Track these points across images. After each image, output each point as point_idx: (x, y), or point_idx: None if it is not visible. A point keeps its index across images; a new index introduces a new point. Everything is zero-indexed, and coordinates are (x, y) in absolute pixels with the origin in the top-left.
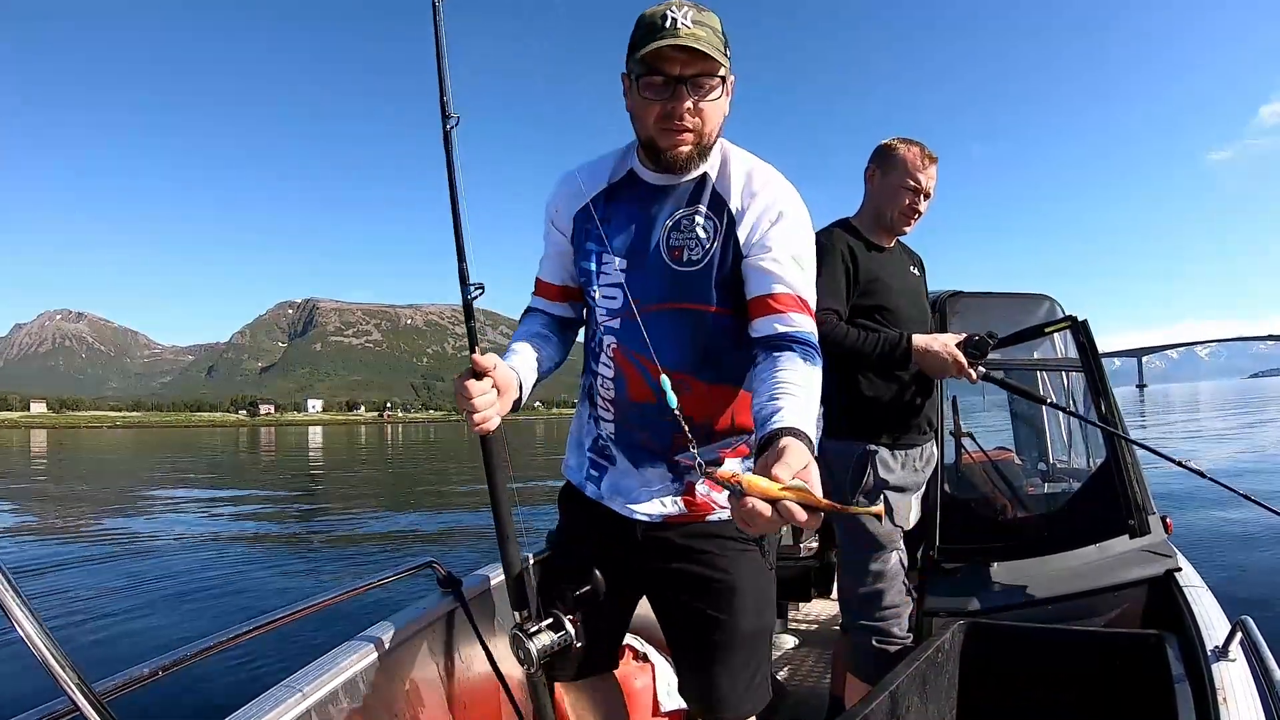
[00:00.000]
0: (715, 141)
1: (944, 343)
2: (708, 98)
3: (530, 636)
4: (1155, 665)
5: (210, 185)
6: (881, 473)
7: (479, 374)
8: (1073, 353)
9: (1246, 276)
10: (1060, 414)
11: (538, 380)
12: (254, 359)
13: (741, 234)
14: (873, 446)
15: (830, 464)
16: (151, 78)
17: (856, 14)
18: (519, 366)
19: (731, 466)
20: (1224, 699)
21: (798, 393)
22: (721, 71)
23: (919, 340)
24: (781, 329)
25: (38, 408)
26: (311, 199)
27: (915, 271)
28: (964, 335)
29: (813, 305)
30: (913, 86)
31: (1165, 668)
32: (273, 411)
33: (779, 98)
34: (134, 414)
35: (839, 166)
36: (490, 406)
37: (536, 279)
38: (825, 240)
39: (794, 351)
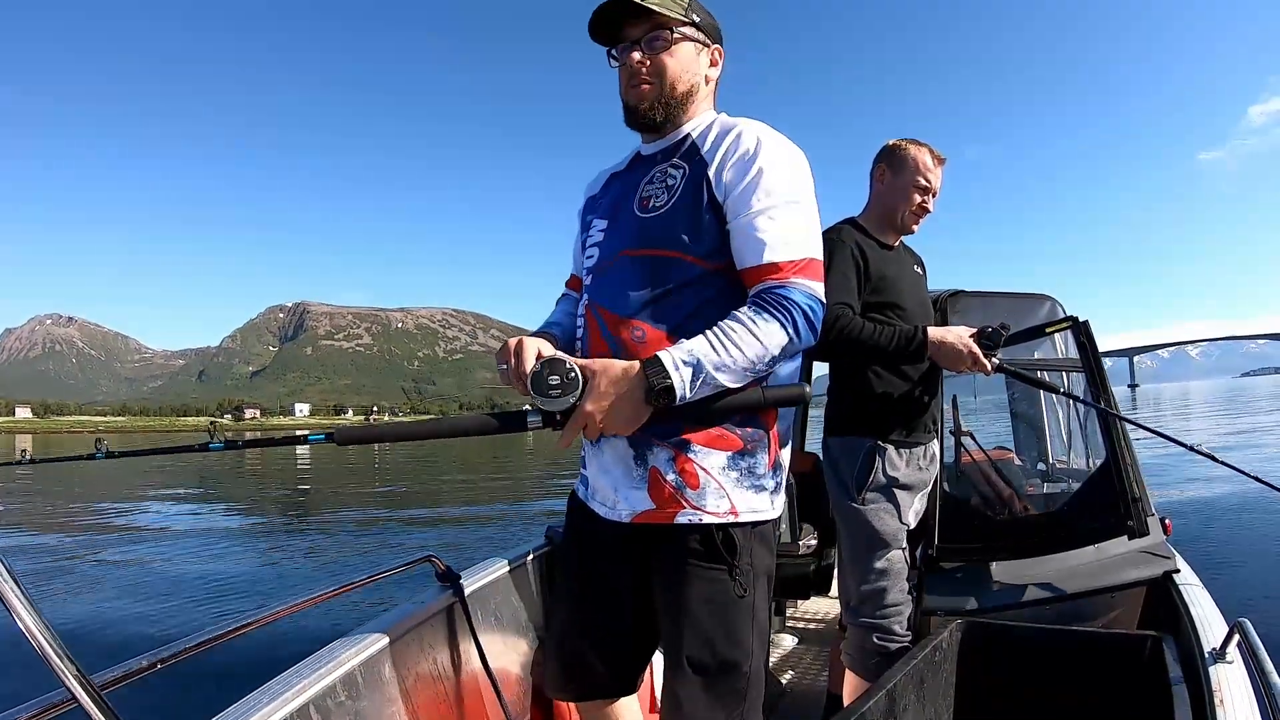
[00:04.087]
0: (689, 94)
1: (959, 334)
2: (658, 51)
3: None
4: (1152, 667)
5: (201, 188)
6: (888, 470)
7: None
8: (1073, 353)
9: (1237, 276)
10: (1060, 414)
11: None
12: (244, 363)
13: (712, 174)
14: (880, 443)
15: (836, 460)
16: (141, 81)
17: (848, 15)
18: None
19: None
20: (1221, 701)
21: (712, 332)
22: (676, 26)
23: (934, 332)
24: (753, 292)
25: (23, 413)
26: (302, 202)
27: (918, 270)
28: (978, 327)
29: (801, 258)
30: (902, 88)
31: (1162, 669)
32: (258, 416)
33: (766, 98)
34: (118, 419)
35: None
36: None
37: (571, 275)
38: (835, 237)
39: (751, 303)
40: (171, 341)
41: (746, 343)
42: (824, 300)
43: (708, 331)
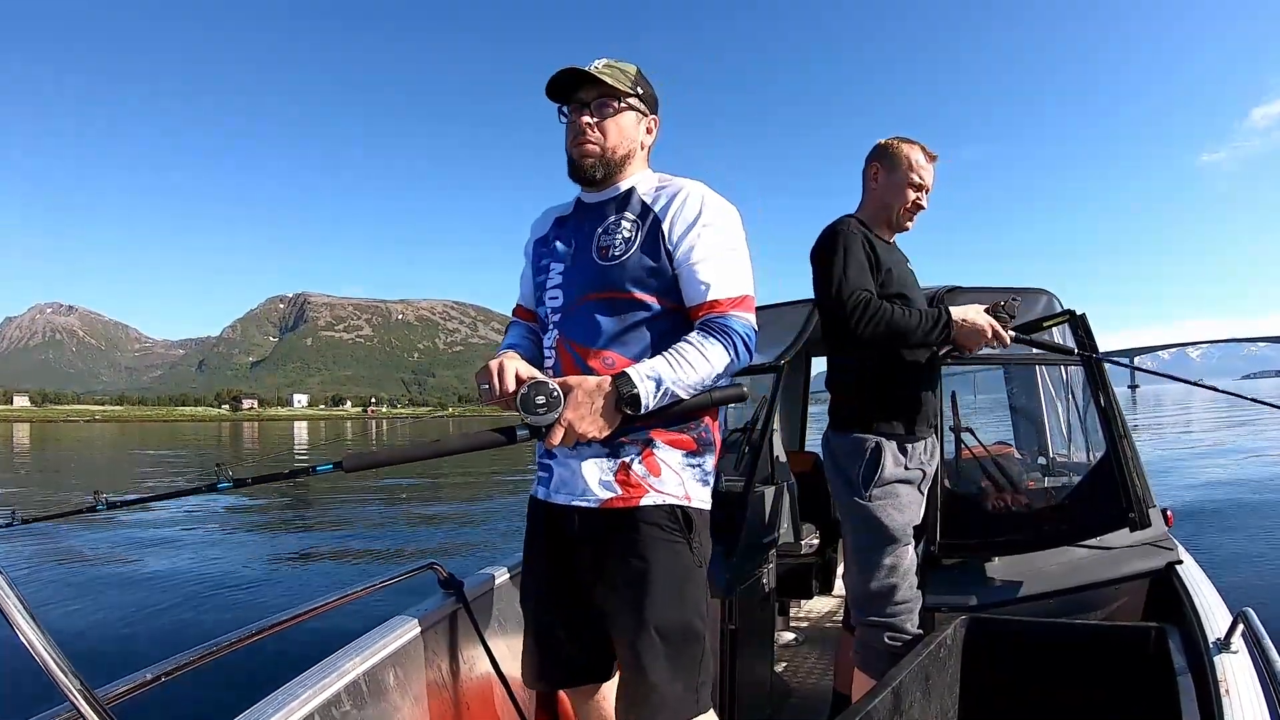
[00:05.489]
0: (626, 157)
1: (976, 311)
2: (605, 116)
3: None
4: (1157, 659)
5: (202, 178)
6: (895, 465)
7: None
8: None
9: (1238, 278)
10: (1060, 408)
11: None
12: (245, 353)
13: (665, 228)
14: (883, 440)
15: (840, 456)
16: (143, 69)
17: (843, 15)
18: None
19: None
20: (1226, 690)
21: (669, 353)
22: (622, 97)
23: (955, 312)
24: (699, 322)
25: (20, 401)
26: (304, 193)
27: (910, 267)
28: (988, 305)
29: (738, 295)
30: (899, 88)
31: (1167, 660)
32: (255, 406)
33: (755, 98)
34: (115, 408)
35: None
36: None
37: (516, 304)
38: (844, 229)
39: (698, 330)
40: (172, 331)
41: (697, 362)
42: (757, 329)
43: (665, 353)
